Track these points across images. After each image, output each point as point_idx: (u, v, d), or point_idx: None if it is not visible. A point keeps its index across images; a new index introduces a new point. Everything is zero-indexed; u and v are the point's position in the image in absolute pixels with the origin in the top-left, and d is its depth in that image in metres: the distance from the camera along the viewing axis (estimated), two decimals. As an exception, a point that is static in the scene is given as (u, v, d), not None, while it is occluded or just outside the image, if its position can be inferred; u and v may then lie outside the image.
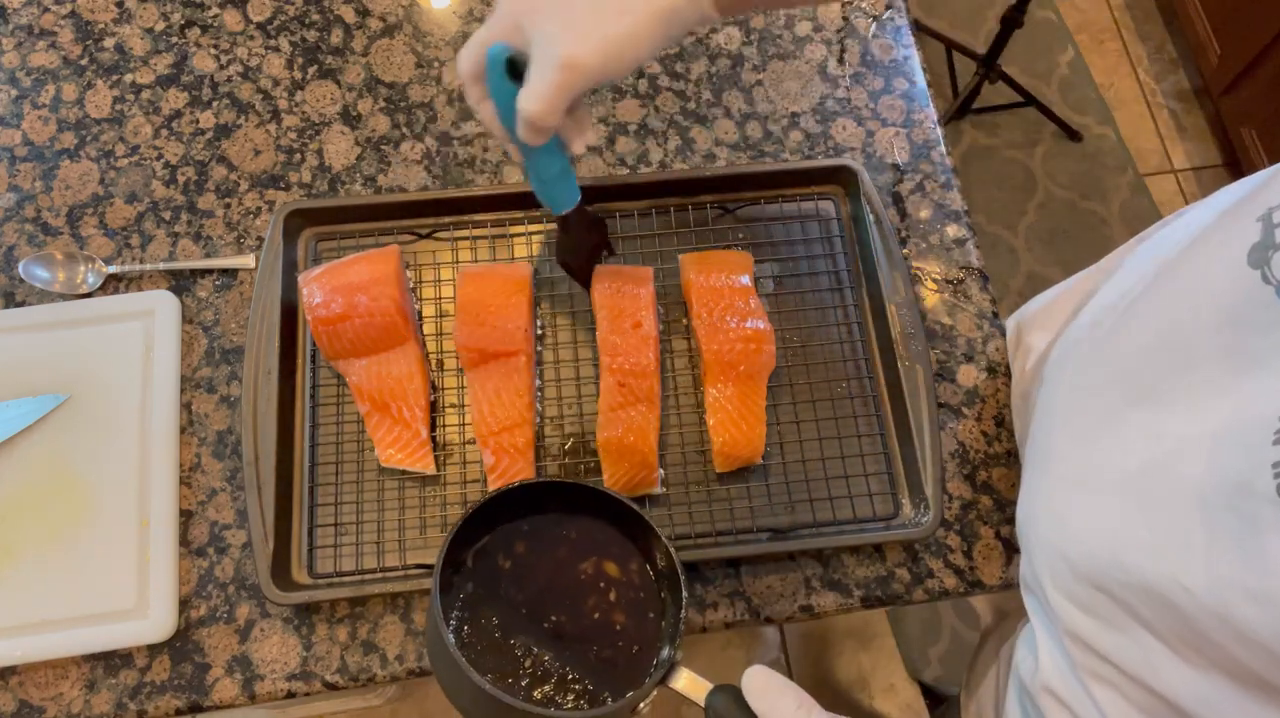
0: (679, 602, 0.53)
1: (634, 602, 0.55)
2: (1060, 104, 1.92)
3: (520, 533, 0.56)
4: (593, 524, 0.57)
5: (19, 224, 0.77)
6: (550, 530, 0.57)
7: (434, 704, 1.44)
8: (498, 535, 0.56)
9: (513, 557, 0.56)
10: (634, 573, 0.56)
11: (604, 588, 0.55)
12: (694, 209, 0.77)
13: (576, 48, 0.50)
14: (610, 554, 0.56)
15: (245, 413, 0.68)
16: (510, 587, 0.55)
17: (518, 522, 0.57)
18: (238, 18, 0.85)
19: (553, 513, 0.57)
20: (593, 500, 0.56)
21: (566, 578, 0.55)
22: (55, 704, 0.64)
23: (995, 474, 0.72)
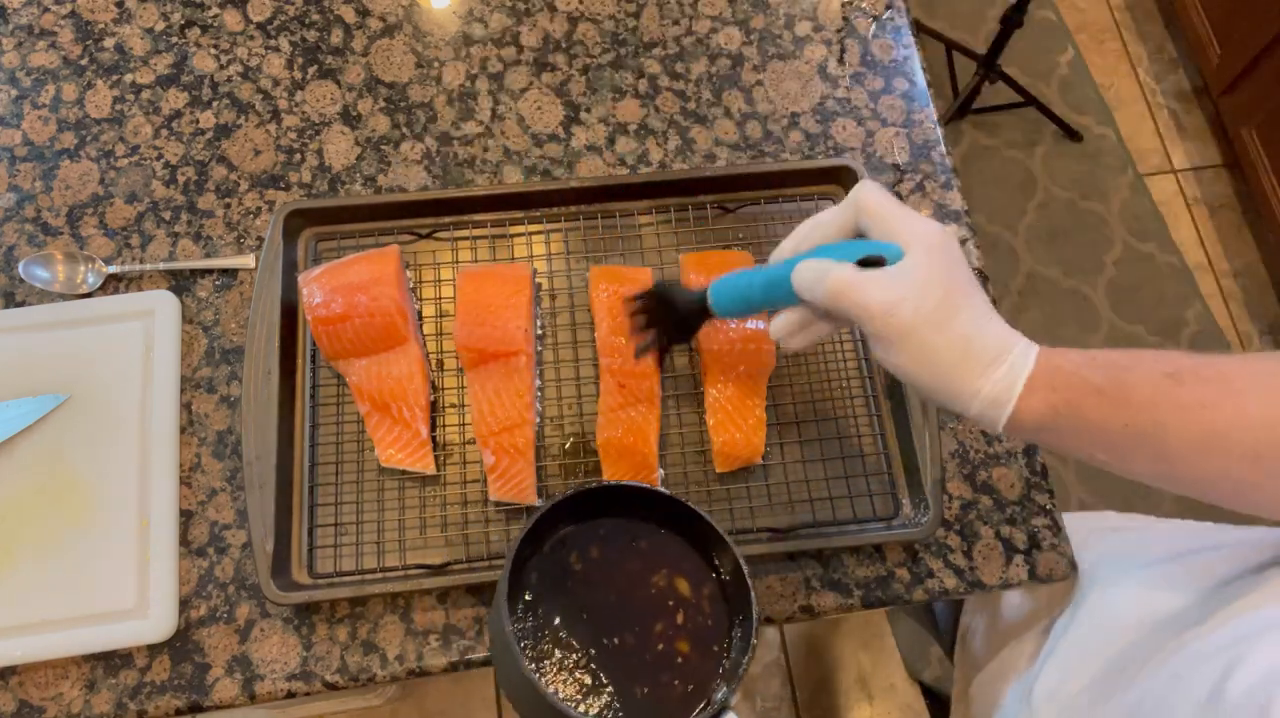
0: (747, 643, 0.51)
1: (700, 629, 0.53)
2: (1060, 104, 1.92)
3: (596, 536, 0.55)
4: (673, 540, 0.56)
5: (19, 224, 0.77)
6: (629, 539, 0.55)
7: (434, 704, 1.44)
8: (575, 532, 0.55)
9: (586, 559, 0.54)
10: (705, 598, 0.54)
11: (672, 608, 0.53)
12: (694, 209, 0.77)
13: (911, 311, 0.48)
14: (686, 574, 0.55)
15: (245, 413, 0.68)
16: (580, 589, 0.53)
17: (596, 521, 0.55)
18: (238, 18, 0.85)
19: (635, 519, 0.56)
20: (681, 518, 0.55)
21: (636, 592, 0.54)
22: (55, 704, 0.64)
23: (995, 474, 0.72)
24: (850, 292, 0.49)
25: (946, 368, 0.48)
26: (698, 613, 0.54)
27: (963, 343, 0.48)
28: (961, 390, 0.48)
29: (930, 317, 0.48)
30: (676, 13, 0.87)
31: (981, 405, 0.48)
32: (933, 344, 0.48)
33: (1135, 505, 1.56)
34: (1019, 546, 0.70)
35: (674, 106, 0.83)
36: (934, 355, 0.48)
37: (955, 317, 0.48)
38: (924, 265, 0.49)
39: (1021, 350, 0.48)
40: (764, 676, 1.45)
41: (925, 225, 0.50)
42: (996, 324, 0.49)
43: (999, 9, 1.96)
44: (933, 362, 0.48)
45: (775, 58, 0.86)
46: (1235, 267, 1.81)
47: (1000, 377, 0.48)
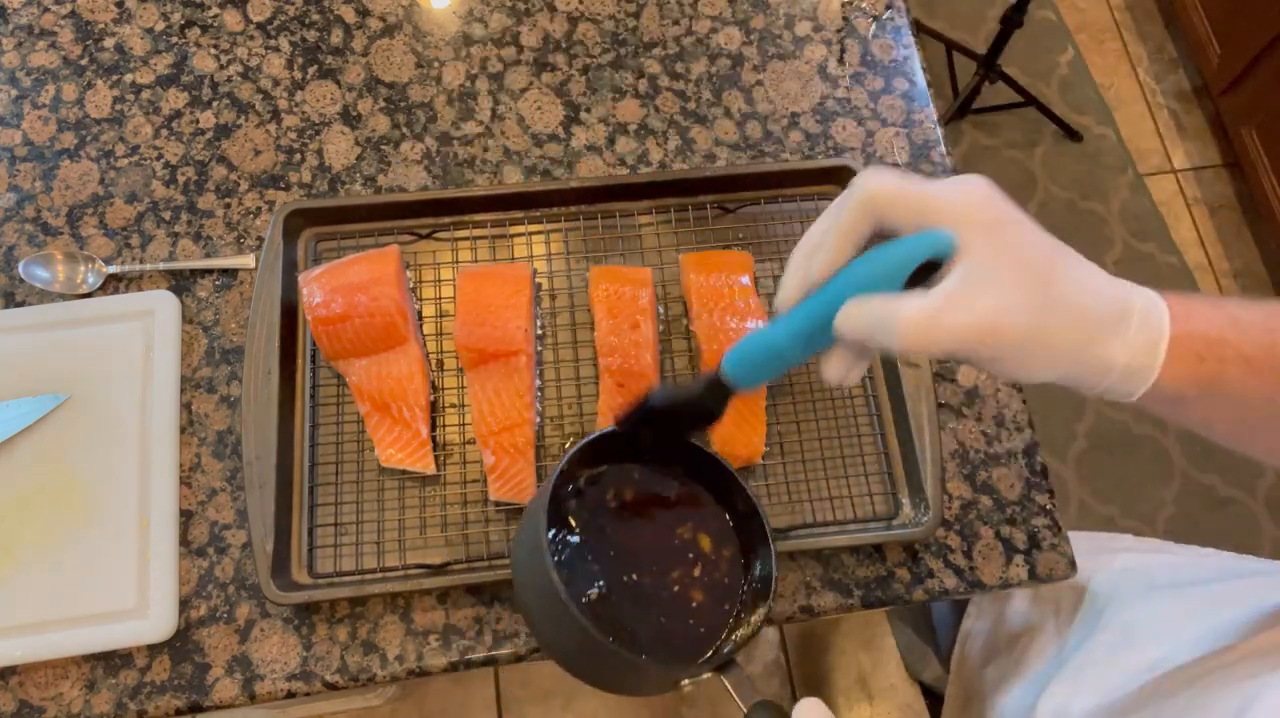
0: (765, 604, 0.52)
1: (716, 585, 0.54)
2: (1060, 104, 1.92)
3: (631, 479, 0.56)
4: (704, 497, 0.57)
5: (19, 224, 0.77)
6: (662, 486, 0.56)
7: (434, 705, 1.44)
8: (613, 472, 0.56)
9: (621, 499, 0.56)
10: (725, 559, 0.55)
11: (692, 559, 0.55)
12: (694, 209, 0.77)
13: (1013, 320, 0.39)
14: (711, 530, 0.56)
15: (245, 413, 0.68)
16: (609, 525, 0.54)
17: (630, 464, 0.56)
18: (238, 18, 0.85)
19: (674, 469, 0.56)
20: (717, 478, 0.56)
21: (661, 539, 0.55)
22: (55, 704, 0.64)
23: (995, 474, 0.72)
24: (934, 329, 0.39)
25: (1070, 352, 0.40)
26: (715, 569, 0.55)
27: (1078, 318, 0.40)
28: (1094, 367, 0.41)
29: (1036, 308, 0.39)
30: (676, 13, 0.87)
31: (1117, 378, 0.41)
32: (1051, 338, 0.40)
33: (1136, 507, 1.56)
34: (1019, 546, 0.70)
35: (674, 106, 0.83)
36: (1055, 349, 0.40)
37: (1059, 289, 0.40)
38: (994, 247, 0.40)
39: (1147, 303, 0.41)
40: (764, 676, 1.45)
41: (963, 191, 0.41)
42: (1099, 275, 0.42)
43: (999, 9, 1.96)
44: (1054, 354, 0.40)
45: (775, 58, 0.86)
46: (1235, 267, 1.81)
47: (1136, 340, 0.40)
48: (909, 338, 0.39)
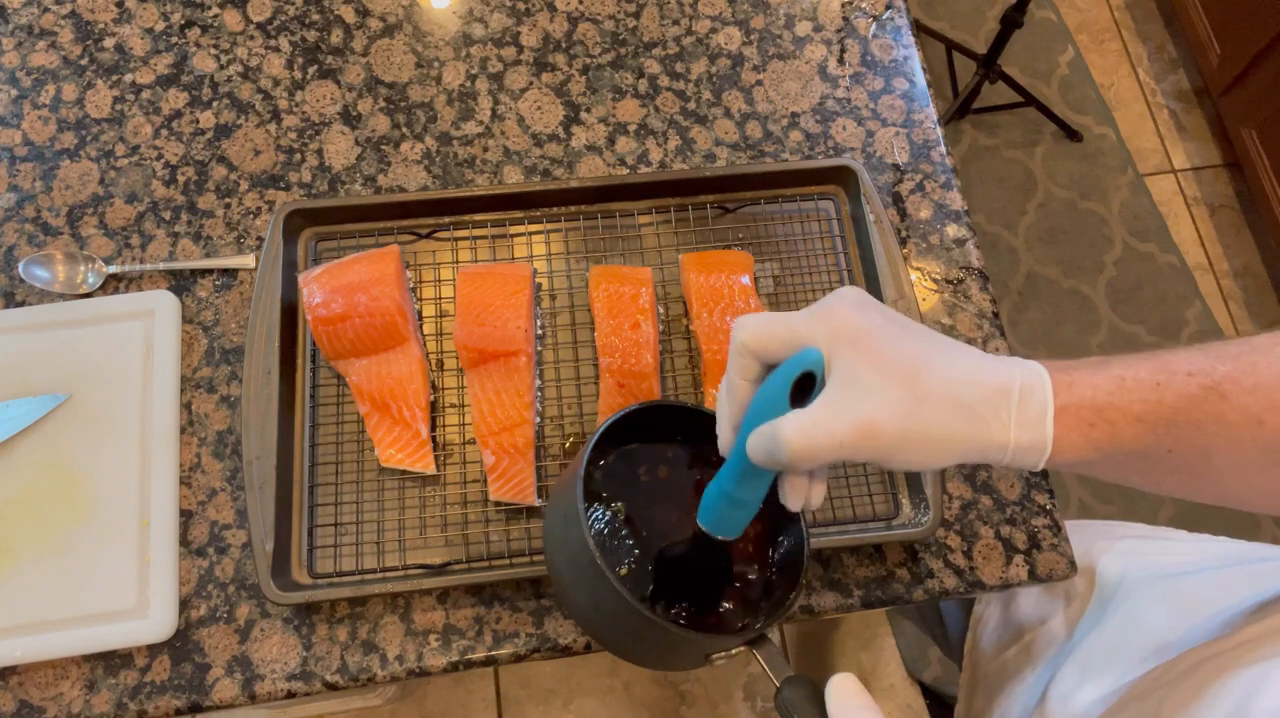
0: (795, 582, 0.51)
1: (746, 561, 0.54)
2: (1060, 104, 1.92)
3: (665, 457, 0.56)
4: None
5: (19, 224, 0.77)
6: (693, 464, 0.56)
7: (434, 705, 1.44)
8: (643, 449, 0.55)
9: (654, 475, 0.55)
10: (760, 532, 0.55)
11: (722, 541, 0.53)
12: (694, 209, 0.77)
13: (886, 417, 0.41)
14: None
15: (245, 413, 0.68)
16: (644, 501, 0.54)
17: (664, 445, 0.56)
18: (238, 18, 0.85)
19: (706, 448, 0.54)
20: None
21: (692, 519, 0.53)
22: (55, 704, 0.64)
23: (995, 474, 0.72)
24: (814, 440, 0.41)
25: (959, 440, 0.42)
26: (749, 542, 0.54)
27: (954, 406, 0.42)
28: (988, 449, 0.43)
29: (906, 405, 0.41)
30: (676, 13, 0.87)
31: (1012, 456, 0.43)
32: (929, 429, 0.41)
33: (1137, 507, 1.56)
34: (1019, 546, 0.70)
35: (674, 106, 0.83)
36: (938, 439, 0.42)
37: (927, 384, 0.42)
38: (857, 354, 0.42)
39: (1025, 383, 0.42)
40: (764, 676, 1.45)
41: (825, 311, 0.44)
42: (973, 360, 0.43)
43: (999, 9, 1.96)
44: (943, 442, 0.42)
45: (775, 58, 0.86)
46: (1235, 267, 1.81)
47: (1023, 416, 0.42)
48: (795, 452, 0.41)
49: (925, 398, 0.41)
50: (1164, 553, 0.69)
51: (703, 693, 1.42)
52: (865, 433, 0.41)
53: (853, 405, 0.41)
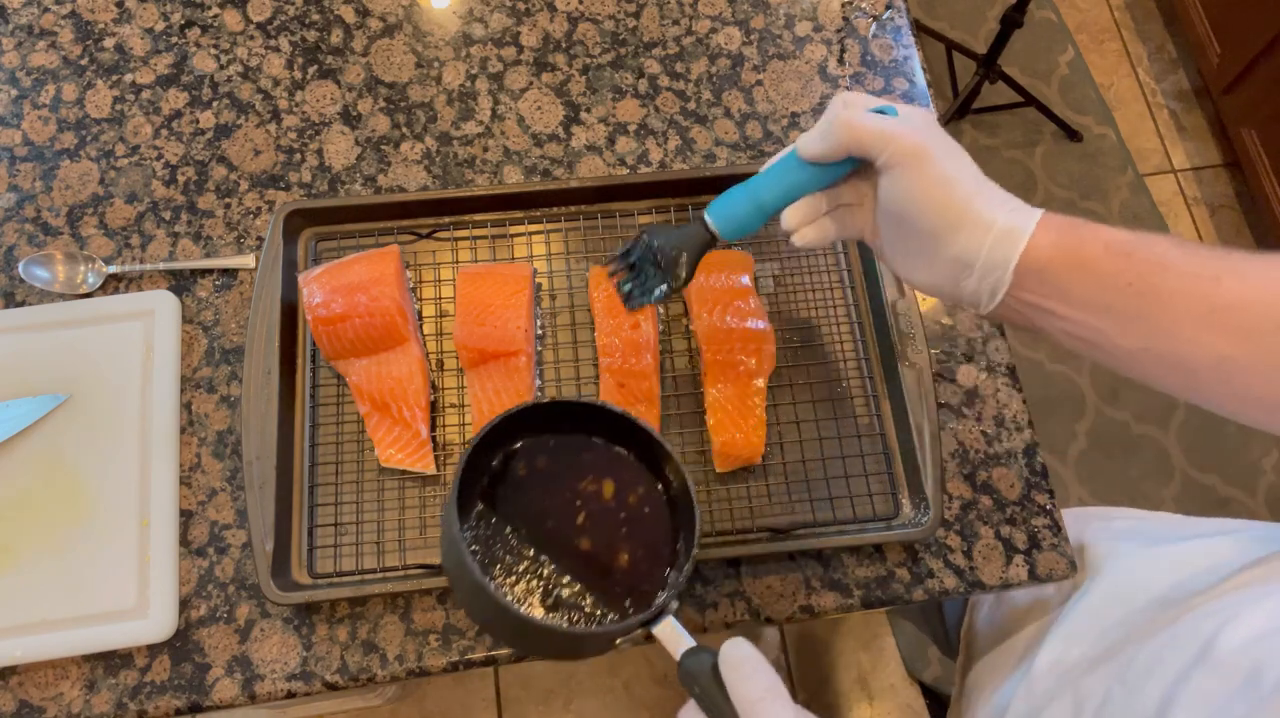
0: (689, 551, 0.53)
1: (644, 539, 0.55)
2: (1060, 104, 1.92)
3: (545, 448, 0.56)
4: (623, 457, 0.57)
5: (19, 224, 0.77)
6: (577, 453, 0.57)
7: (434, 705, 1.44)
8: (524, 447, 0.56)
9: (532, 469, 0.56)
10: (653, 512, 0.56)
11: (618, 518, 0.55)
12: (694, 209, 0.77)
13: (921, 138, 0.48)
14: (632, 488, 0.56)
15: (245, 413, 0.68)
16: (529, 498, 0.55)
17: (544, 437, 0.57)
18: (238, 18, 0.85)
19: (586, 436, 0.57)
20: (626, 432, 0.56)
21: (583, 502, 0.55)
22: (55, 704, 0.64)
23: (995, 474, 0.72)
24: (865, 123, 0.48)
25: (964, 193, 0.47)
26: (642, 524, 0.55)
27: (977, 175, 0.48)
28: (977, 220, 0.47)
29: (949, 145, 0.48)
30: (676, 13, 0.87)
31: (993, 239, 0.47)
32: (953, 168, 0.48)
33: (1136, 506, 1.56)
34: (1019, 546, 0.70)
35: (674, 106, 0.83)
36: (954, 179, 0.47)
37: (963, 156, 0.48)
38: (928, 117, 0.49)
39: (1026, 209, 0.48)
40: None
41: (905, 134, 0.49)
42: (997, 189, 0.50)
43: (999, 9, 1.96)
44: (952, 186, 0.47)
45: (775, 58, 0.86)
46: (1235, 267, 1.81)
47: (1016, 208, 0.47)
48: (844, 126, 0.48)
49: (961, 155, 0.48)
50: (1152, 530, 0.70)
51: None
52: (906, 135, 0.47)
53: (906, 118, 0.49)
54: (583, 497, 0.56)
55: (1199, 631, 0.49)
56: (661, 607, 0.50)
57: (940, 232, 0.48)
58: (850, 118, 0.48)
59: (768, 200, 0.54)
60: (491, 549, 0.53)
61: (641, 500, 0.56)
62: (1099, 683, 0.56)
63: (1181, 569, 0.60)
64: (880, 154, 0.48)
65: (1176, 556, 0.62)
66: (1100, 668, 0.57)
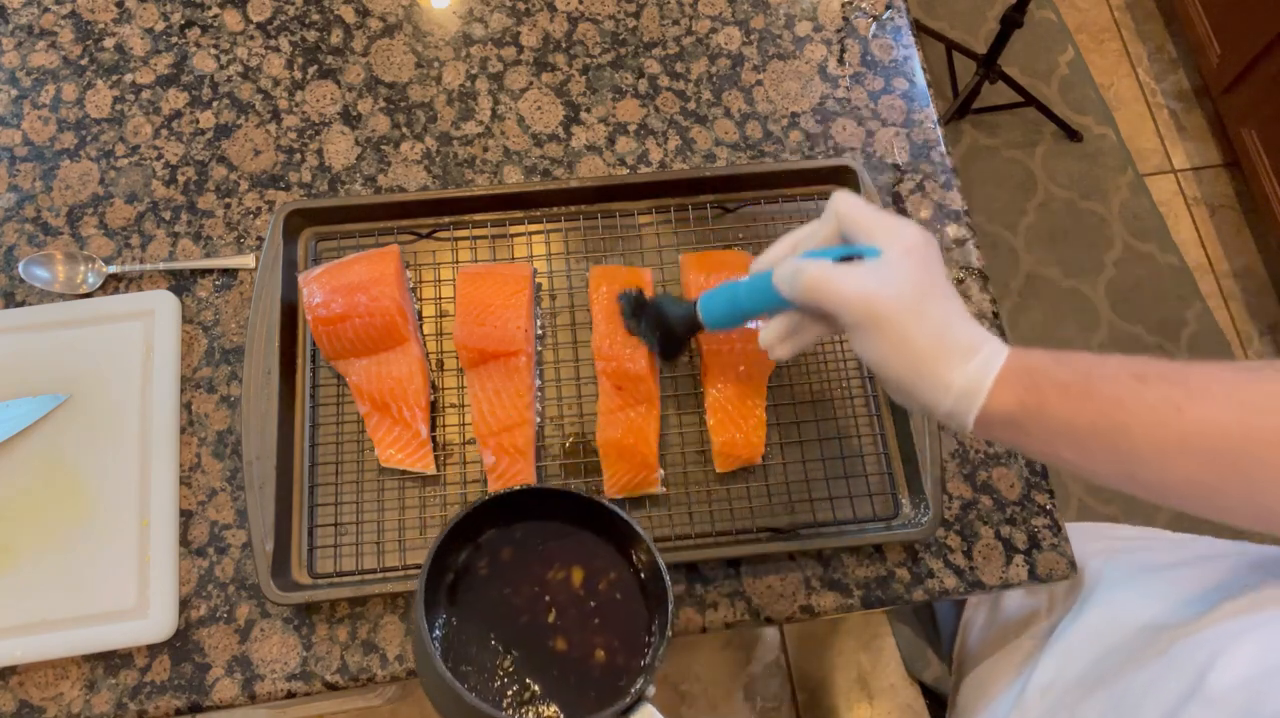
0: (663, 635, 0.51)
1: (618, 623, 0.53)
2: (1060, 104, 1.92)
3: (511, 539, 0.55)
4: (591, 539, 0.55)
5: (19, 224, 0.77)
6: (542, 540, 0.55)
7: (434, 704, 1.43)
8: (489, 539, 0.55)
9: (498, 563, 0.54)
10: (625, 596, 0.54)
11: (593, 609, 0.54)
12: (694, 209, 0.77)
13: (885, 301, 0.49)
14: (604, 573, 0.55)
15: (245, 413, 0.68)
16: (496, 594, 0.54)
17: (511, 527, 0.55)
18: (238, 18, 0.85)
19: (550, 521, 0.56)
20: (593, 514, 0.55)
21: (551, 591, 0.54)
22: (55, 704, 0.64)
23: (995, 474, 0.72)
24: (826, 283, 0.50)
25: (921, 358, 0.49)
26: (615, 611, 0.54)
27: (938, 334, 0.49)
28: (935, 383, 0.49)
29: (908, 305, 0.49)
30: (676, 13, 0.87)
31: (954, 399, 0.49)
32: (910, 332, 0.49)
33: (1136, 510, 1.56)
34: (1019, 546, 0.70)
35: (674, 106, 0.83)
36: (910, 345, 0.49)
37: (931, 310, 0.49)
38: (899, 262, 0.50)
39: (994, 348, 0.49)
40: (764, 675, 1.45)
41: (905, 228, 0.51)
42: (971, 324, 0.50)
43: (999, 9, 1.96)
44: (909, 351, 0.49)
45: (775, 58, 0.86)
46: (1235, 267, 1.81)
47: (973, 369, 0.48)
48: (809, 285, 0.50)
49: (924, 315, 0.49)
50: (1147, 551, 0.70)
51: (702, 693, 1.42)
52: (864, 297, 0.49)
53: (869, 280, 0.49)
54: (552, 589, 0.54)
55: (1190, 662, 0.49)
56: (639, 694, 0.49)
57: (904, 384, 0.50)
58: (814, 277, 0.50)
59: (745, 309, 0.59)
60: (464, 649, 0.52)
61: (613, 586, 0.54)
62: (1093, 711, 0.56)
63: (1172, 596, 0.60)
64: (839, 315, 0.50)
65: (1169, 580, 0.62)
66: (1094, 694, 0.57)
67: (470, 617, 0.53)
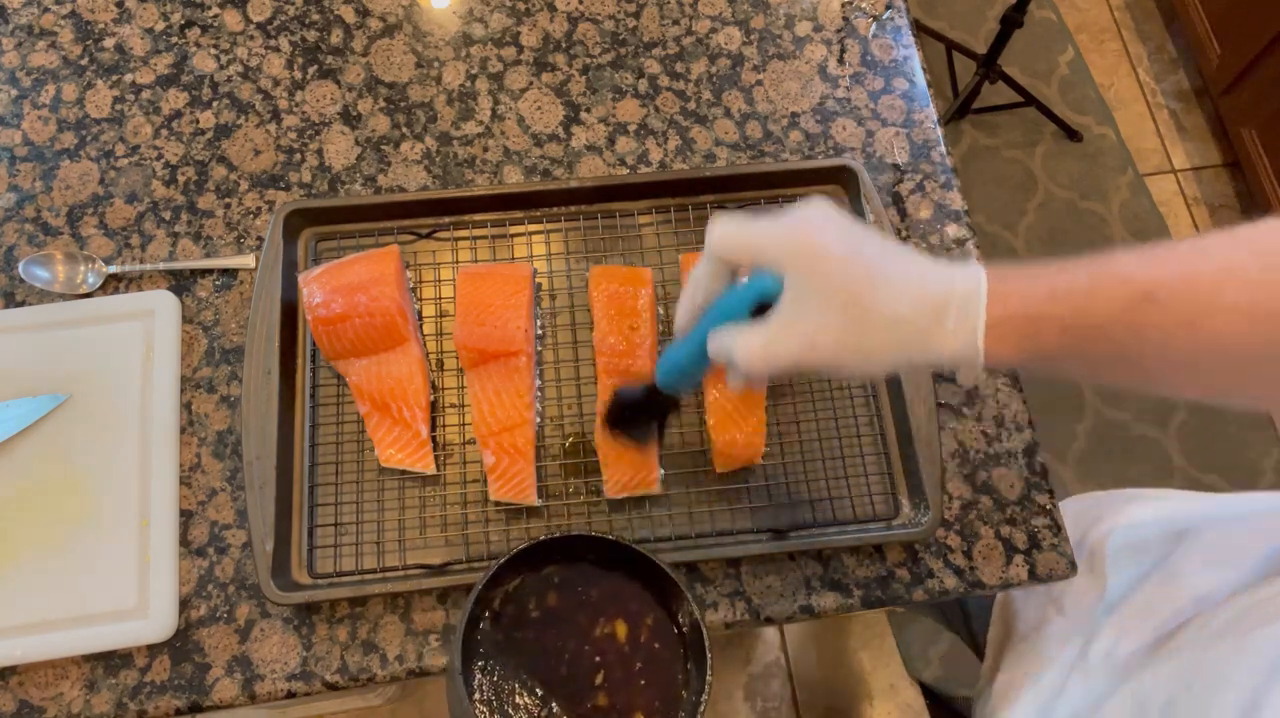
0: (703, 679, 0.51)
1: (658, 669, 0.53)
2: (1060, 104, 1.92)
3: (551, 583, 0.55)
4: (627, 585, 0.55)
5: (19, 224, 0.77)
6: (581, 585, 0.55)
7: (434, 705, 1.44)
8: (527, 582, 0.55)
9: (543, 607, 0.54)
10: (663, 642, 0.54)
11: (637, 669, 0.53)
12: (694, 209, 0.77)
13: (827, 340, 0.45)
14: (642, 620, 0.54)
15: (245, 413, 0.68)
16: (536, 641, 0.53)
17: (548, 569, 0.55)
18: (238, 18, 0.85)
19: (586, 565, 0.55)
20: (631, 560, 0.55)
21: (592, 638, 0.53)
22: (55, 704, 0.64)
23: (995, 474, 0.72)
24: (765, 356, 0.46)
25: (900, 349, 0.45)
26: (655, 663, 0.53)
27: (894, 323, 0.45)
28: (926, 358, 0.45)
29: (848, 324, 0.45)
30: (676, 13, 0.87)
31: (951, 360, 0.45)
32: (867, 345, 0.45)
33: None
34: (1019, 546, 0.70)
35: (674, 106, 0.83)
36: (876, 353, 0.45)
37: (870, 303, 0.44)
38: (808, 277, 0.45)
39: (964, 293, 0.44)
40: (764, 675, 1.45)
41: (784, 229, 0.47)
42: (915, 273, 0.45)
43: (999, 9, 1.96)
44: (878, 358, 0.45)
45: (775, 58, 0.86)
46: (1235, 267, 1.81)
47: (955, 329, 0.44)
48: (749, 363, 0.47)
49: (865, 319, 0.45)
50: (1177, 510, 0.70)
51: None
52: (808, 350, 0.45)
53: (799, 326, 0.45)
54: (595, 644, 0.53)
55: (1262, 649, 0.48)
56: None
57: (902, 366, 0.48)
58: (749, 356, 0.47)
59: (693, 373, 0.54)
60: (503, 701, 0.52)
61: (652, 634, 0.54)
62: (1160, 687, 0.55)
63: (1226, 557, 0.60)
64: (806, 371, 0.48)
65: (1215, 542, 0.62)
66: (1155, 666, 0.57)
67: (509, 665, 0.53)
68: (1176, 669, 0.55)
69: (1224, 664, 0.51)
